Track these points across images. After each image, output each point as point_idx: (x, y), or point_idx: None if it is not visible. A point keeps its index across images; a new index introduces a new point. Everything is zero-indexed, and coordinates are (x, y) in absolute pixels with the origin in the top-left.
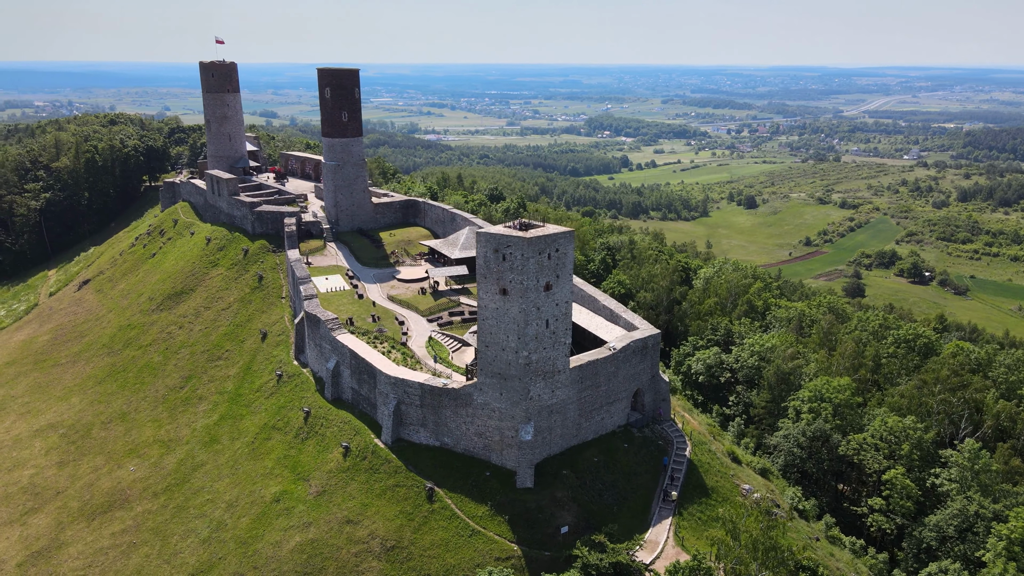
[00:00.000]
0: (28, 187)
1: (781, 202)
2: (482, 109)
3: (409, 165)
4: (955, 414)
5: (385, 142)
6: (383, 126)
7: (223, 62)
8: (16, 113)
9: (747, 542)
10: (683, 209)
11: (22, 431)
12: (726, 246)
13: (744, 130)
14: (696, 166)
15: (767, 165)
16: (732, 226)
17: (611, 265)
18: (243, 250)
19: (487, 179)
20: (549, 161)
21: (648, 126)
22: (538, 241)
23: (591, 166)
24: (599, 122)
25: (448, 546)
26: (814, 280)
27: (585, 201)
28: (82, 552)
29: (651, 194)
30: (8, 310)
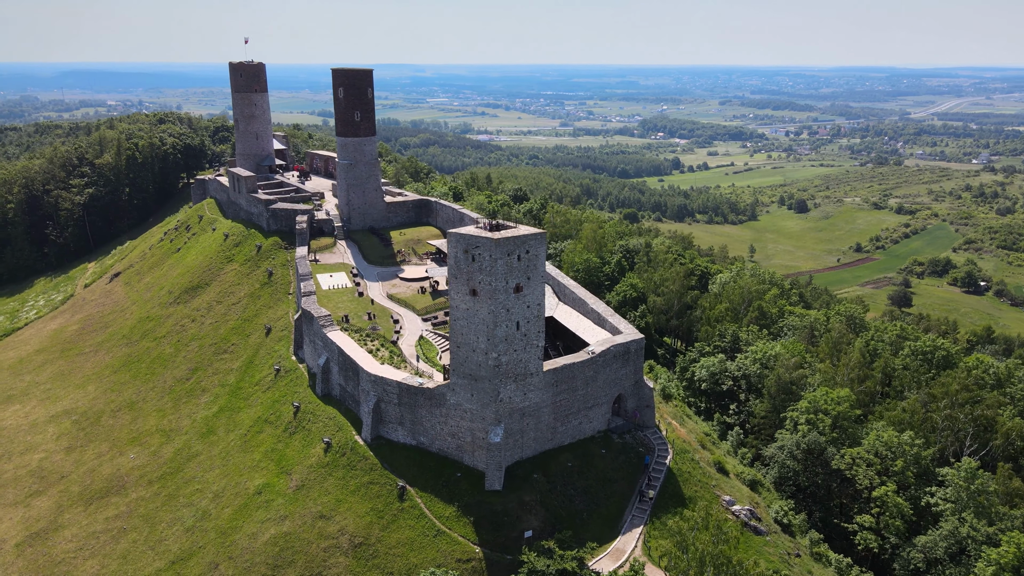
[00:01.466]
0: (73, 182)
1: (834, 207)
2: (536, 110)
3: (457, 165)
4: (961, 431)
5: (435, 142)
6: (436, 126)
7: (251, 62)
8: (89, 112)
9: (695, 555)
10: (730, 212)
11: (39, 416)
12: (771, 251)
13: (803, 132)
14: (750, 169)
15: (824, 168)
16: (780, 230)
17: (627, 268)
18: (256, 246)
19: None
20: (599, 162)
21: (703, 128)
22: (506, 242)
23: (641, 168)
24: (653, 123)
25: (413, 545)
26: (860, 288)
27: (630, 203)
28: (76, 535)
29: (698, 197)
30: (47, 300)
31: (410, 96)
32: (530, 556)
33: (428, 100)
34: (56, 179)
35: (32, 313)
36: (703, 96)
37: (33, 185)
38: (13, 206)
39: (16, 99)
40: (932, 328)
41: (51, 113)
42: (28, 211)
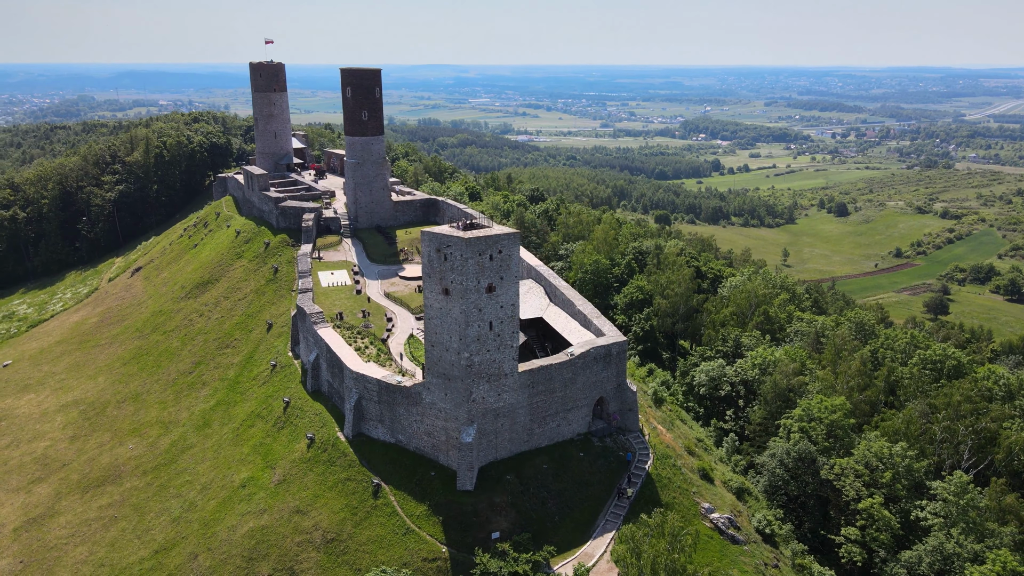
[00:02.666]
0: (105, 179)
1: (875, 210)
2: (578, 110)
3: (494, 165)
4: (961, 443)
5: (473, 142)
6: (476, 126)
7: (271, 63)
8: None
9: (647, 561)
10: (767, 215)
11: (50, 405)
12: (806, 255)
13: (851, 134)
14: (792, 171)
15: (869, 171)
16: (818, 234)
17: (637, 270)
18: (265, 243)
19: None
20: (636, 164)
21: (746, 129)
22: (478, 242)
23: (680, 169)
24: (695, 125)
25: (382, 543)
26: (896, 294)
27: (664, 205)
28: (70, 522)
29: (735, 199)
30: (74, 293)
31: (452, 96)
32: (483, 557)
33: (470, 100)
34: (89, 176)
35: (59, 306)
36: (748, 97)
37: (67, 181)
38: (47, 202)
39: (74, 99)
40: (952, 337)
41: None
42: (62, 207)
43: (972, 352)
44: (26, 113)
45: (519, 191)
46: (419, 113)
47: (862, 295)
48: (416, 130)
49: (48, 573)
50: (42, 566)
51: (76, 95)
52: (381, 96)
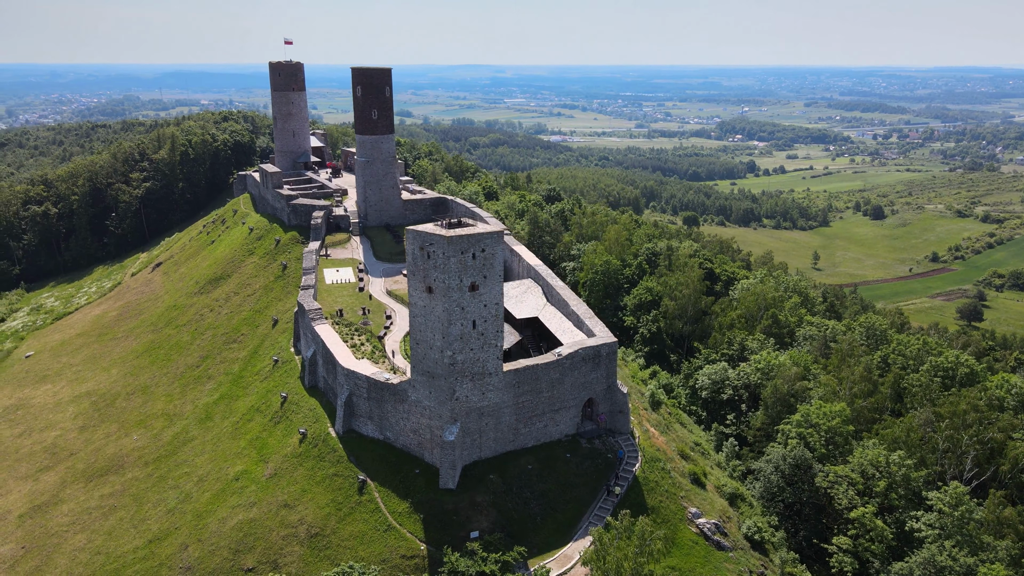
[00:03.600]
0: (133, 176)
1: (913, 213)
2: (613, 111)
3: (525, 165)
4: (964, 453)
5: (505, 142)
6: (510, 126)
7: (289, 62)
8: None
9: (612, 564)
10: (800, 218)
11: (65, 396)
12: (838, 259)
13: (893, 135)
14: (829, 173)
15: (909, 174)
16: (851, 237)
17: (648, 271)
18: (276, 240)
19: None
20: (669, 164)
21: (784, 130)
22: (460, 240)
23: (713, 171)
24: (732, 125)
25: (364, 539)
26: (930, 299)
27: (693, 206)
28: (72, 510)
29: (767, 201)
30: (98, 287)
31: (488, 96)
32: (452, 556)
33: (506, 100)
34: (118, 173)
35: (83, 299)
36: (788, 97)
37: (97, 178)
38: (77, 198)
39: (120, 98)
40: (972, 344)
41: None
42: (92, 203)
43: (993, 360)
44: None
45: (536, 191)
46: (454, 113)
47: (893, 300)
48: (448, 130)
49: (47, 559)
50: (42, 552)
51: (122, 95)
52: (391, 95)
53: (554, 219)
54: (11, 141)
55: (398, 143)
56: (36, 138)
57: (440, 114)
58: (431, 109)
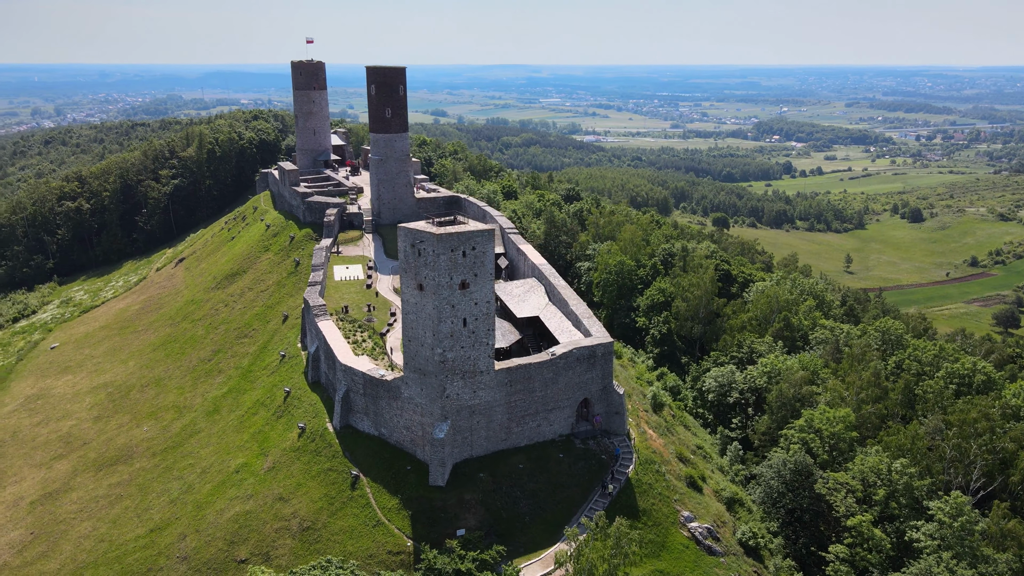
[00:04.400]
0: (162, 173)
1: (953, 217)
2: (649, 111)
3: (557, 165)
4: (972, 463)
5: (537, 142)
6: (544, 126)
7: (311, 61)
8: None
9: (583, 566)
10: (834, 220)
11: (83, 386)
12: (872, 262)
13: (937, 137)
14: (868, 174)
15: (952, 176)
16: (888, 240)
17: (662, 272)
18: (290, 237)
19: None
20: (703, 165)
21: (823, 131)
22: (449, 238)
23: (748, 171)
24: (769, 126)
25: (353, 534)
26: (965, 305)
27: (724, 208)
28: (81, 498)
29: (801, 203)
30: (125, 281)
31: (523, 96)
32: (430, 554)
33: (541, 100)
34: (148, 170)
35: (110, 293)
36: (829, 98)
37: (128, 175)
38: (109, 194)
39: (163, 97)
40: (996, 351)
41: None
42: (123, 199)
43: (1017, 369)
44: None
45: (556, 191)
46: (489, 112)
47: (926, 305)
48: (481, 129)
49: (53, 545)
50: (49, 538)
51: (166, 94)
52: (405, 94)
53: (571, 219)
54: (55, 139)
55: (424, 142)
56: (79, 136)
57: (475, 113)
58: (466, 108)
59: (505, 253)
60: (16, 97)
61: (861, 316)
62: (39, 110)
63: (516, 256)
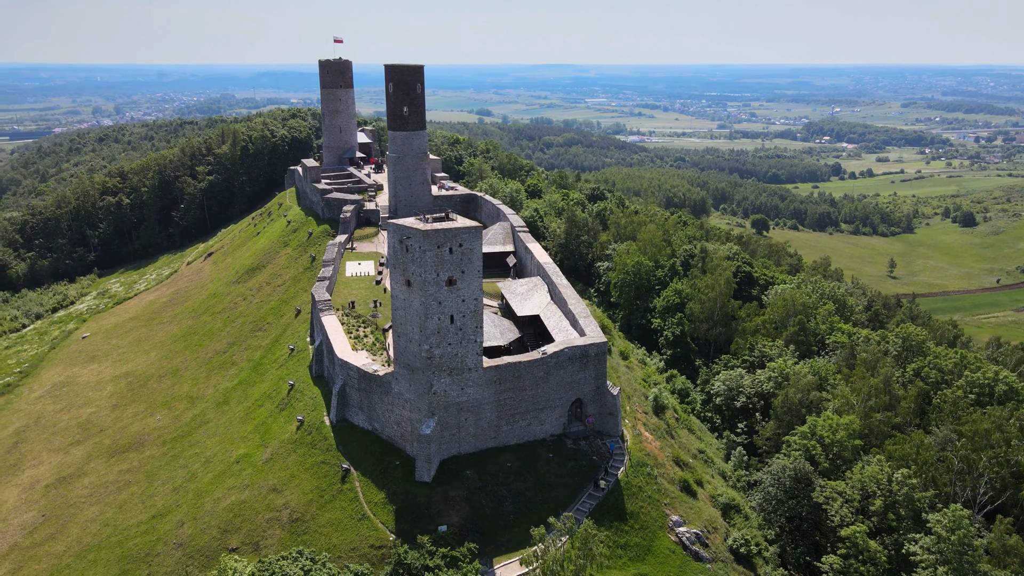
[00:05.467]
0: (198, 169)
1: (1008, 221)
2: (696, 111)
3: (598, 165)
4: (979, 476)
5: (579, 142)
6: (588, 126)
7: (339, 60)
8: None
9: (546, 566)
10: (881, 223)
11: (106, 375)
12: (918, 267)
13: (998, 138)
14: (921, 177)
15: (1011, 179)
16: (936, 245)
17: (681, 273)
18: (308, 233)
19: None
20: (748, 166)
21: (876, 132)
22: (435, 234)
23: (795, 173)
24: (820, 127)
25: (339, 526)
26: (1015, 313)
27: (766, 210)
28: (92, 483)
29: (846, 205)
30: (158, 274)
31: (569, 96)
32: (400, 549)
33: (586, 100)
34: (185, 167)
35: (143, 286)
36: (884, 98)
37: (166, 171)
38: (147, 190)
39: (217, 96)
40: None
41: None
42: (161, 195)
43: None
44: (175, 109)
45: (581, 190)
46: (534, 112)
47: (972, 312)
48: (523, 129)
49: (62, 528)
50: (59, 521)
51: (219, 94)
52: (423, 92)
53: (593, 218)
54: (108, 136)
55: (457, 140)
56: (130, 134)
57: (520, 113)
58: (511, 108)
59: (515, 252)
60: (79, 96)
61: (886, 322)
62: (100, 108)
63: (524, 255)
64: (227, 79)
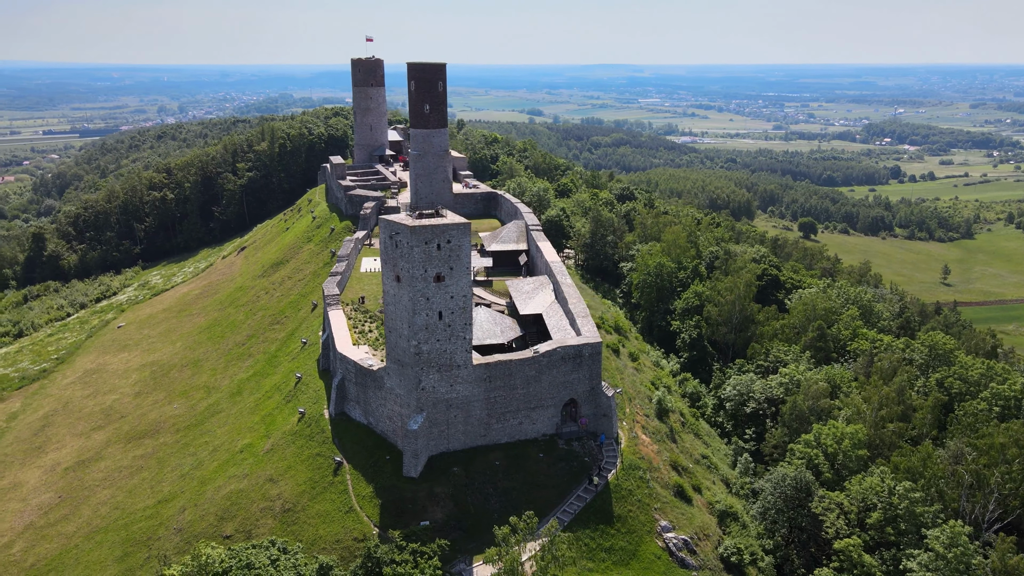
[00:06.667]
0: (239, 166)
1: None
2: (752, 112)
3: (646, 165)
4: (990, 492)
5: (627, 142)
6: (639, 127)
7: (370, 58)
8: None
9: (507, 566)
10: (938, 228)
11: (133, 364)
12: (975, 274)
13: None
14: (987, 181)
15: None
16: (997, 252)
17: (704, 275)
18: (331, 229)
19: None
20: (801, 168)
21: (941, 133)
22: (423, 230)
23: (851, 176)
24: (880, 128)
25: (326, 518)
26: None
27: (816, 213)
28: (107, 467)
29: (902, 209)
30: (195, 268)
31: (623, 96)
32: (370, 542)
33: (640, 100)
34: (226, 163)
35: (180, 278)
36: (952, 98)
37: (208, 168)
38: (190, 185)
39: (275, 96)
40: None
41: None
42: (203, 190)
43: None
44: (235, 108)
45: (611, 190)
46: (585, 112)
47: None
48: (571, 129)
49: (75, 509)
50: (73, 502)
51: (278, 93)
52: (445, 90)
53: (620, 219)
54: (166, 134)
55: (495, 139)
56: (186, 131)
57: (571, 113)
58: (563, 108)
59: (528, 250)
60: (146, 96)
61: (918, 329)
62: (164, 107)
63: (536, 253)
64: (286, 79)
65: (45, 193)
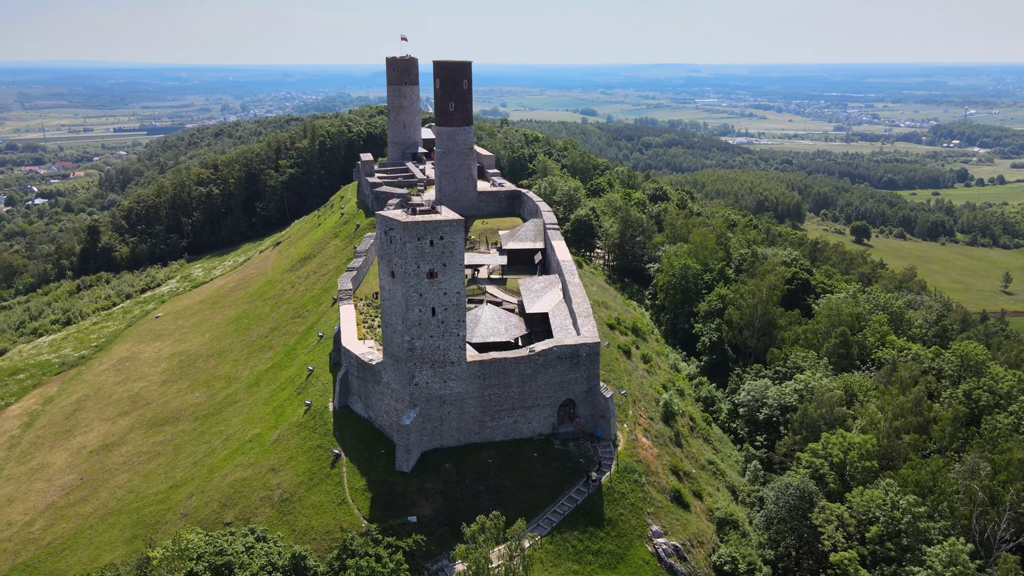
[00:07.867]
0: (281, 163)
1: None
2: (812, 112)
3: (697, 166)
4: (1003, 509)
5: (679, 142)
6: (693, 127)
7: (405, 57)
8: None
9: (473, 563)
10: (1003, 234)
11: (163, 353)
12: None
13: None
14: None
15: None
16: None
17: (731, 278)
18: (356, 225)
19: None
20: (861, 170)
21: (1014, 136)
22: (415, 226)
23: (914, 179)
24: (949, 129)
25: (320, 509)
26: None
27: (871, 216)
28: (128, 452)
29: (965, 213)
30: (234, 261)
31: (679, 96)
32: (347, 536)
33: (696, 100)
34: (269, 160)
35: (219, 271)
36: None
37: (251, 165)
38: (233, 181)
39: (334, 95)
40: None
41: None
42: (246, 186)
43: None
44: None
45: (645, 190)
46: (640, 112)
47: None
48: (622, 129)
49: (93, 491)
50: (93, 484)
51: (336, 92)
52: (470, 88)
53: (650, 219)
54: (223, 132)
55: (536, 138)
56: (243, 129)
57: (625, 113)
58: (617, 108)
59: (544, 249)
60: (212, 95)
61: (954, 339)
62: (228, 106)
63: (550, 252)
64: (345, 78)
65: (109, 188)
